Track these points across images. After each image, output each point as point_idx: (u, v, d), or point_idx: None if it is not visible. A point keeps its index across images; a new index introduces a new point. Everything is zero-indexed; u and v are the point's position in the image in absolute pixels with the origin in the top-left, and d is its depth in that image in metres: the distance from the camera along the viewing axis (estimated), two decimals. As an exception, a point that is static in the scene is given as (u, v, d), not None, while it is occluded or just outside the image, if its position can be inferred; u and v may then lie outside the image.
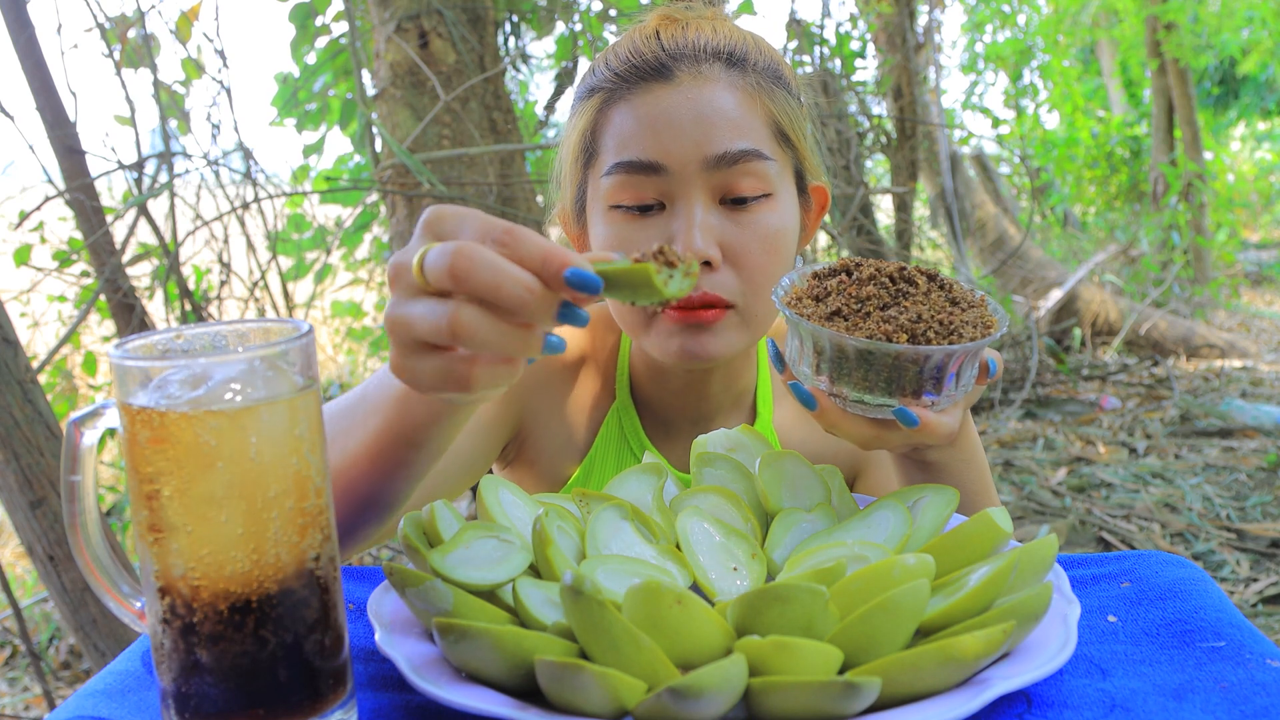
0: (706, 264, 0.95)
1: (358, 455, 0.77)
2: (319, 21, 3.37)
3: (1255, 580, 3.01)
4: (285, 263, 3.68)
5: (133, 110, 2.80)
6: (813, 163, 1.06)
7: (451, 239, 0.60)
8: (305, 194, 3.66)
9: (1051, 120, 12.01)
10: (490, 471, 1.14)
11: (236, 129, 3.17)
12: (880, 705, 0.58)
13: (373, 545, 0.91)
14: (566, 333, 1.13)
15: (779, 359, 0.82)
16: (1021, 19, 11.66)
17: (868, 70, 5.43)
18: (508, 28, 3.38)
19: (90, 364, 3.30)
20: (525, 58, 3.67)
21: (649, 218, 0.97)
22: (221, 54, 3.02)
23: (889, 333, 0.73)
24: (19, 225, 2.73)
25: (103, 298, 2.69)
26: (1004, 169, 8.47)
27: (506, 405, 1.08)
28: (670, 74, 0.97)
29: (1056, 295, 6.35)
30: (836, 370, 0.75)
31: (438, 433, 0.75)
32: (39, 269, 2.91)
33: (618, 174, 0.97)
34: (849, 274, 0.79)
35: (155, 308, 2.94)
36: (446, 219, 0.62)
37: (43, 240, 3.06)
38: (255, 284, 3.12)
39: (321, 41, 3.42)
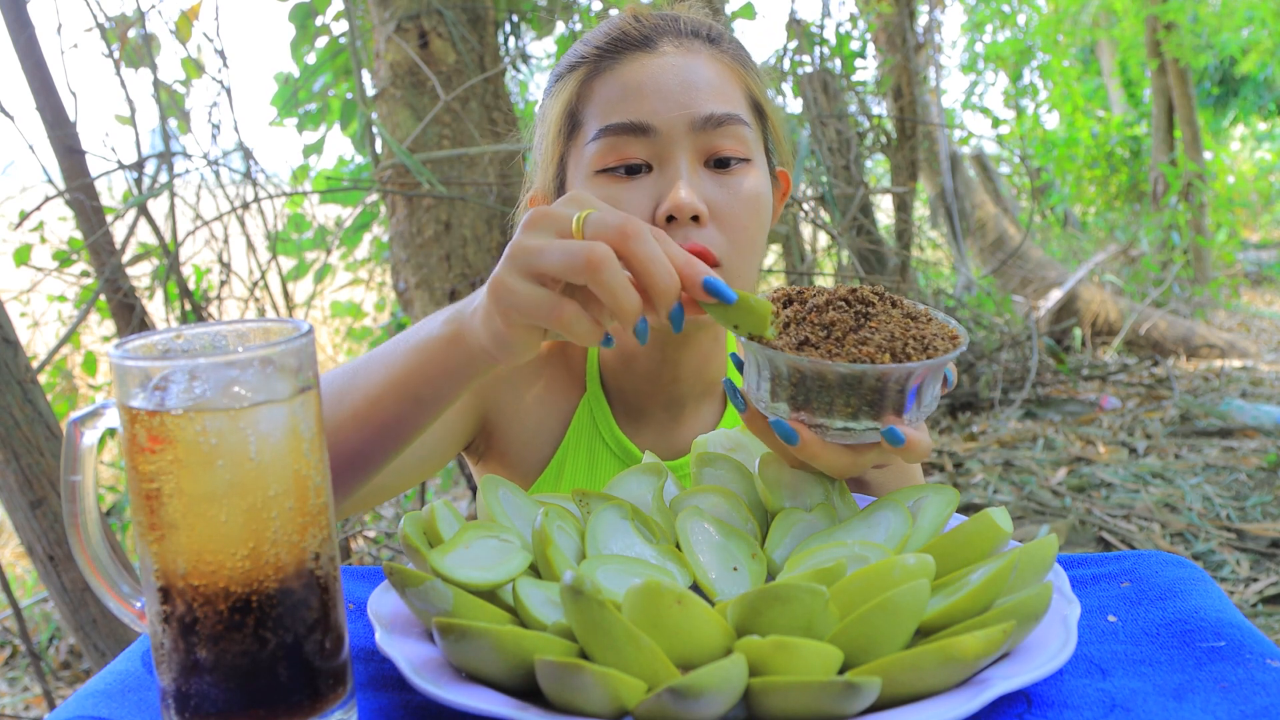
0: (695, 219, 0.96)
1: (356, 409, 0.81)
2: (319, 21, 3.36)
3: (1255, 580, 3.01)
4: (285, 263, 3.68)
5: (133, 110, 2.80)
6: (781, 145, 1.10)
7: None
8: (305, 194, 3.66)
9: (1051, 120, 12.01)
10: (457, 464, 1.15)
11: (236, 129, 3.17)
12: (880, 705, 0.58)
13: (348, 514, 0.93)
14: None
15: (738, 397, 0.80)
16: (1021, 19, 11.67)
17: (868, 70, 5.43)
18: (508, 28, 3.38)
19: (90, 364, 3.30)
20: (525, 58, 3.67)
21: (636, 180, 0.99)
22: (221, 54, 3.02)
23: (871, 354, 0.72)
24: (19, 225, 2.73)
25: (103, 298, 2.69)
26: (1004, 169, 8.47)
27: (471, 398, 1.10)
28: (654, 44, 1.01)
29: (1056, 295, 6.35)
30: (818, 401, 0.74)
31: (443, 391, 0.79)
32: (39, 269, 2.91)
33: (605, 138, 0.99)
34: (801, 303, 0.78)
35: (155, 308, 2.94)
36: (595, 200, 0.70)
37: (43, 240, 3.06)
38: (255, 284, 3.12)
39: (321, 41, 3.42)
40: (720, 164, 0.99)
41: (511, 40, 3.45)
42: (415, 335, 0.80)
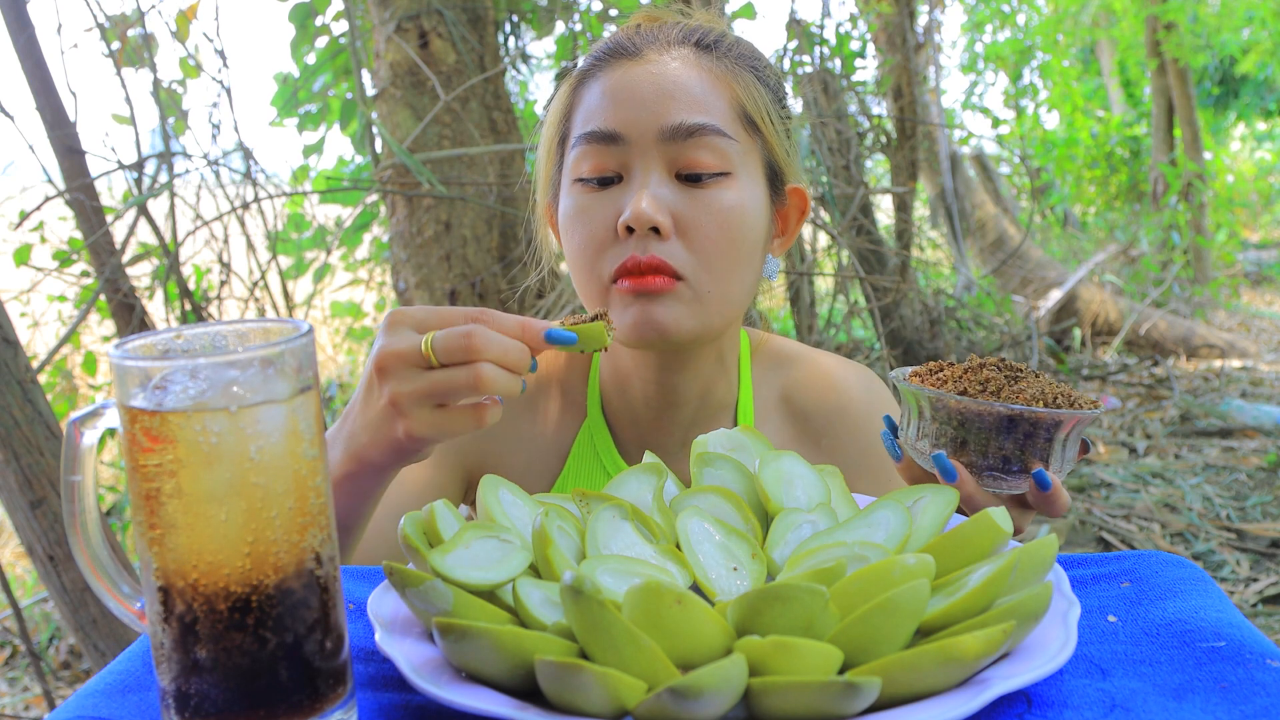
0: (655, 230, 0.95)
1: None
2: (319, 21, 3.37)
3: (1255, 580, 3.01)
4: (285, 263, 3.68)
5: (132, 110, 2.80)
6: (790, 162, 1.06)
7: (431, 329, 0.78)
8: (305, 194, 3.66)
9: (1051, 120, 12.02)
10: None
11: (236, 129, 3.16)
12: (880, 705, 0.58)
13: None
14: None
15: (895, 446, 0.87)
16: (1021, 19, 11.68)
17: (868, 70, 5.43)
18: (508, 28, 3.38)
19: (90, 364, 3.30)
20: (525, 58, 3.67)
21: (608, 191, 0.98)
22: (221, 54, 3.02)
23: (1027, 402, 0.79)
24: (19, 225, 2.73)
25: (103, 298, 2.69)
26: (1004, 169, 8.47)
27: (455, 468, 1.10)
28: (639, 53, 1.00)
29: (1056, 295, 6.35)
30: (974, 442, 0.81)
31: (365, 513, 0.89)
32: (39, 269, 2.91)
33: (581, 145, 0.99)
34: (950, 367, 0.86)
35: (155, 308, 2.94)
36: (414, 314, 0.80)
37: (43, 240, 3.06)
38: (255, 284, 3.12)
39: (321, 41, 3.42)
40: (693, 178, 0.97)
41: (511, 40, 3.45)
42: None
